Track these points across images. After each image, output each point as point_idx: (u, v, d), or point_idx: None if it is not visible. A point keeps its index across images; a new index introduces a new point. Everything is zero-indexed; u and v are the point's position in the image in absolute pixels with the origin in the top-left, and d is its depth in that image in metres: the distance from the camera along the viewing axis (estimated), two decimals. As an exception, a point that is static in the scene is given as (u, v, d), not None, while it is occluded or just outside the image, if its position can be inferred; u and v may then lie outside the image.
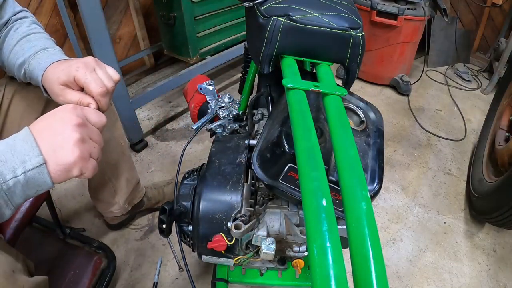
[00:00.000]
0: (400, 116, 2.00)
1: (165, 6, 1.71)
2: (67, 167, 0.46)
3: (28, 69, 0.64)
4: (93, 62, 0.58)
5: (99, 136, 0.51)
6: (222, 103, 1.07)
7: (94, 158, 0.50)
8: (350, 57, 0.64)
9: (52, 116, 0.48)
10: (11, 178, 0.42)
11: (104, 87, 0.56)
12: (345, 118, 0.51)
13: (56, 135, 0.46)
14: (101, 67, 0.59)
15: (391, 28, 1.97)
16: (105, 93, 0.57)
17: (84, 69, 0.56)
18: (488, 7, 2.44)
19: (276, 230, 0.66)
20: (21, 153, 0.43)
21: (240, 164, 0.71)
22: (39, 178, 0.45)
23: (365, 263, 0.33)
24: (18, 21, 0.71)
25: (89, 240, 1.11)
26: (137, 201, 1.19)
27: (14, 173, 0.43)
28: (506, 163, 1.29)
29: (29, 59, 0.63)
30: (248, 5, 0.66)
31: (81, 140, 0.47)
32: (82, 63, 0.57)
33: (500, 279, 1.19)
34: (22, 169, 0.43)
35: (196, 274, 1.12)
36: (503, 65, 2.12)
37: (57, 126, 0.46)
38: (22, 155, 0.43)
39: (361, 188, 0.39)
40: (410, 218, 1.39)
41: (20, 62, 0.65)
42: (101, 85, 0.56)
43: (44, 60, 0.62)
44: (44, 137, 0.45)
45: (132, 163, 1.14)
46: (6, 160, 0.43)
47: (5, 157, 0.43)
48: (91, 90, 0.55)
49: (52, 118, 0.47)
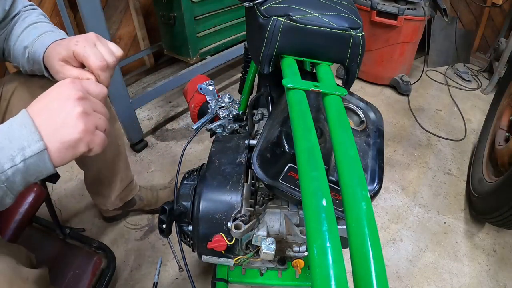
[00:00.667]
0: (400, 116, 2.00)
1: (165, 6, 1.71)
2: (72, 144, 0.43)
3: (31, 51, 0.63)
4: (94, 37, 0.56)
5: (103, 108, 0.48)
6: (222, 103, 1.07)
7: (101, 130, 0.47)
8: (350, 57, 0.64)
9: (49, 94, 0.44)
10: (9, 167, 0.40)
11: (104, 61, 0.54)
12: (345, 118, 0.51)
13: (56, 113, 0.43)
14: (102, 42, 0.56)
15: (391, 28, 1.97)
16: (105, 68, 0.54)
17: (83, 43, 0.54)
18: (488, 7, 2.45)
19: (276, 230, 0.66)
20: (19, 139, 0.40)
21: (240, 164, 0.71)
22: (40, 164, 0.42)
23: (365, 263, 0.33)
24: (27, 11, 0.72)
25: (89, 240, 1.11)
26: (128, 199, 1.20)
27: (12, 162, 0.40)
28: (506, 163, 1.29)
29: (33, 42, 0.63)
30: (248, 5, 0.66)
31: (84, 113, 0.44)
32: (83, 37, 0.55)
33: (500, 279, 1.19)
34: (21, 156, 0.40)
35: (196, 274, 1.12)
36: (503, 65, 2.12)
37: (56, 103, 0.43)
38: (20, 141, 0.40)
39: (361, 188, 0.39)
40: (410, 218, 1.39)
41: (25, 45, 0.65)
42: (101, 59, 0.53)
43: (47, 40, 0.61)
44: (43, 118, 0.42)
45: (127, 163, 1.15)
46: (2, 148, 0.40)
47: (2, 145, 0.40)
48: (90, 64, 0.53)
49: (50, 96, 0.44)
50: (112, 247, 1.17)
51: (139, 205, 1.26)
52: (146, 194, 1.26)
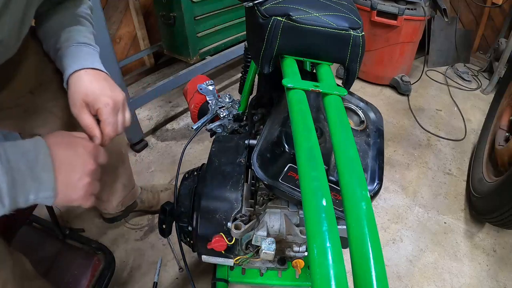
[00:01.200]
0: (400, 116, 2.00)
1: (165, 6, 1.71)
2: (71, 202, 0.51)
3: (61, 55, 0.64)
4: (121, 103, 0.62)
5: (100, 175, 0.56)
6: (222, 103, 1.07)
7: (94, 194, 0.54)
8: (350, 57, 0.64)
9: (74, 148, 0.52)
10: (22, 201, 0.46)
11: (116, 133, 0.61)
12: (345, 118, 0.51)
13: (73, 173, 0.50)
14: (124, 111, 0.63)
15: (391, 28, 1.97)
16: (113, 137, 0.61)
17: (111, 110, 0.60)
18: (488, 7, 2.44)
19: (276, 230, 0.66)
20: (38, 180, 0.46)
21: (240, 164, 0.71)
22: (43, 202, 0.49)
23: (365, 263, 0.33)
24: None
25: (88, 241, 1.10)
26: (130, 203, 1.20)
27: (25, 198, 0.46)
28: (506, 163, 1.29)
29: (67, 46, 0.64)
30: (248, 5, 0.66)
31: (89, 184, 0.52)
32: (113, 102, 0.60)
33: (500, 279, 1.19)
34: (34, 196, 0.46)
35: (196, 274, 1.12)
36: (503, 65, 2.12)
37: (76, 164, 0.51)
38: (38, 183, 0.46)
39: (361, 188, 0.39)
40: (410, 218, 1.39)
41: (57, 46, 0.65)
42: (115, 131, 0.61)
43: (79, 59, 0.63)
44: (63, 170, 0.49)
45: (130, 170, 1.15)
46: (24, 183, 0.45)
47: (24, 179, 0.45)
48: (105, 131, 0.60)
49: (73, 151, 0.51)
50: (112, 247, 1.17)
51: (140, 207, 1.26)
52: (147, 196, 1.25)
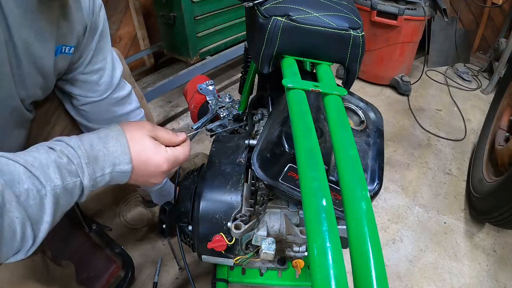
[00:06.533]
0: (400, 116, 2.00)
1: (165, 6, 1.71)
2: (146, 183, 0.55)
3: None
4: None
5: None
6: (222, 103, 1.07)
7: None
8: (350, 57, 0.64)
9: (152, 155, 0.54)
10: (100, 175, 0.49)
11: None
12: (345, 118, 0.51)
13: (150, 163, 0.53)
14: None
15: (391, 28, 1.97)
16: None
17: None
18: (488, 7, 2.44)
19: (276, 230, 0.66)
20: (113, 154, 0.49)
21: (240, 164, 0.71)
22: (119, 179, 0.51)
23: (365, 263, 0.33)
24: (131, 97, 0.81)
25: (112, 243, 1.07)
26: (170, 176, 1.21)
27: (102, 171, 0.49)
28: (506, 163, 1.29)
29: None
30: (248, 5, 0.66)
31: (166, 172, 0.56)
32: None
33: (500, 279, 1.19)
34: (110, 170, 0.49)
35: (196, 274, 1.12)
36: (503, 65, 2.12)
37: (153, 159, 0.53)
38: (113, 157, 0.49)
39: (361, 188, 0.39)
40: (410, 218, 1.39)
41: None
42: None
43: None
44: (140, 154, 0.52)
45: None
46: (96, 158, 0.48)
47: (98, 154, 0.48)
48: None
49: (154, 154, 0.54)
50: (112, 247, 1.16)
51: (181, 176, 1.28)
52: (186, 165, 1.27)
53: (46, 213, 0.43)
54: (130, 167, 0.50)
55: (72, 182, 0.45)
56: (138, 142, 0.52)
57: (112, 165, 0.49)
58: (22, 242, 0.42)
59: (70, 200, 0.47)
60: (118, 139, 0.50)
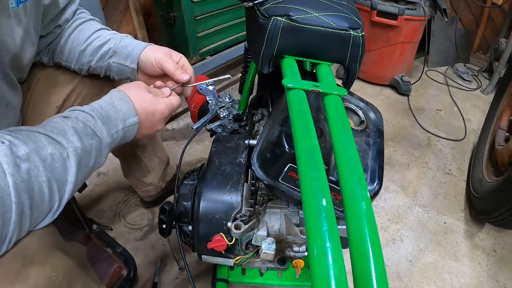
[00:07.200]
0: (400, 116, 2.00)
1: (165, 6, 1.71)
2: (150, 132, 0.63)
3: (116, 51, 0.74)
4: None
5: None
6: (222, 103, 1.07)
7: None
8: (350, 57, 0.64)
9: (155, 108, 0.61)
10: (115, 132, 0.55)
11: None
12: (345, 118, 0.51)
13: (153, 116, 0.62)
14: None
15: (391, 28, 1.97)
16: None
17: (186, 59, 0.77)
18: (488, 7, 2.44)
19: (276, 230, 0.66)
20: (121, 111, 0.56)
21: (240, 164, 0.71)
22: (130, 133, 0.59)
23: (365, 263, 0.33)
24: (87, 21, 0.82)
25: (114, 244, 1.06)
26: (169, 178, 1.23)
27: (116, 128, 0.56)
28: (506, 163, 1.29)
29: (119, 40, 0.75)
30: (248, 5, 0.66)
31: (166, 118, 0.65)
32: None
33: (500, 279, 1.19)
34: (122, 125, 0.56)
35: (196, 274, 1.12)
36: (503, 65, 2.12)
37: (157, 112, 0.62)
38: (122, 113, 0.56)
39: (361, 188, 0.39)
40: (410, 218, 1.39)
41: (106, 48, 0.74)
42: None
43: (136, 44, 0.74)
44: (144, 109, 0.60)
45: (161, 143, 1.18)
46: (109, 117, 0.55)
47: (109, 114, 0.55)
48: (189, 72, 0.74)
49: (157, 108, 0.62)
50: (112, 247, 1.16)
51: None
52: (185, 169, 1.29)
53: (69, 174, 0.48)
54: (136, 118, 0.58)
55: (89, 144, 0.51)
56: (139, 97, 0.59)
57: (123, 121, 0.56)
58: (50, 204, 0.46)
59: (89, 162, 0.52)
60: (122, 99, 0.57)
